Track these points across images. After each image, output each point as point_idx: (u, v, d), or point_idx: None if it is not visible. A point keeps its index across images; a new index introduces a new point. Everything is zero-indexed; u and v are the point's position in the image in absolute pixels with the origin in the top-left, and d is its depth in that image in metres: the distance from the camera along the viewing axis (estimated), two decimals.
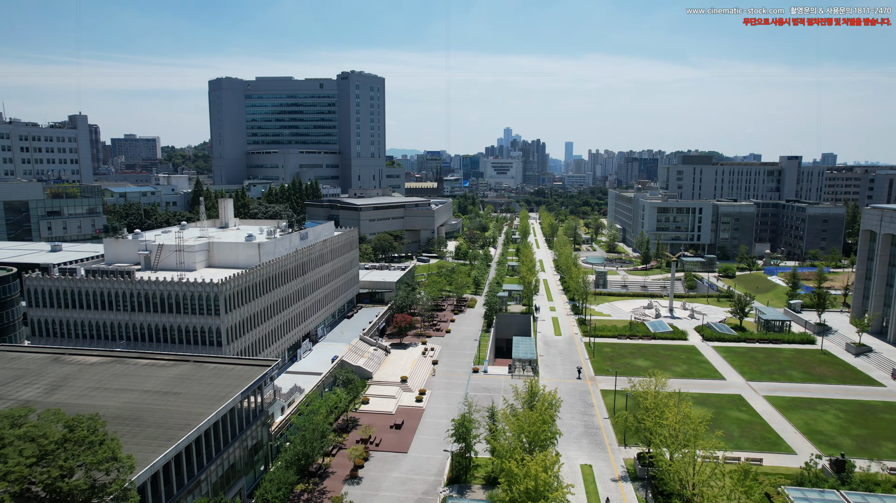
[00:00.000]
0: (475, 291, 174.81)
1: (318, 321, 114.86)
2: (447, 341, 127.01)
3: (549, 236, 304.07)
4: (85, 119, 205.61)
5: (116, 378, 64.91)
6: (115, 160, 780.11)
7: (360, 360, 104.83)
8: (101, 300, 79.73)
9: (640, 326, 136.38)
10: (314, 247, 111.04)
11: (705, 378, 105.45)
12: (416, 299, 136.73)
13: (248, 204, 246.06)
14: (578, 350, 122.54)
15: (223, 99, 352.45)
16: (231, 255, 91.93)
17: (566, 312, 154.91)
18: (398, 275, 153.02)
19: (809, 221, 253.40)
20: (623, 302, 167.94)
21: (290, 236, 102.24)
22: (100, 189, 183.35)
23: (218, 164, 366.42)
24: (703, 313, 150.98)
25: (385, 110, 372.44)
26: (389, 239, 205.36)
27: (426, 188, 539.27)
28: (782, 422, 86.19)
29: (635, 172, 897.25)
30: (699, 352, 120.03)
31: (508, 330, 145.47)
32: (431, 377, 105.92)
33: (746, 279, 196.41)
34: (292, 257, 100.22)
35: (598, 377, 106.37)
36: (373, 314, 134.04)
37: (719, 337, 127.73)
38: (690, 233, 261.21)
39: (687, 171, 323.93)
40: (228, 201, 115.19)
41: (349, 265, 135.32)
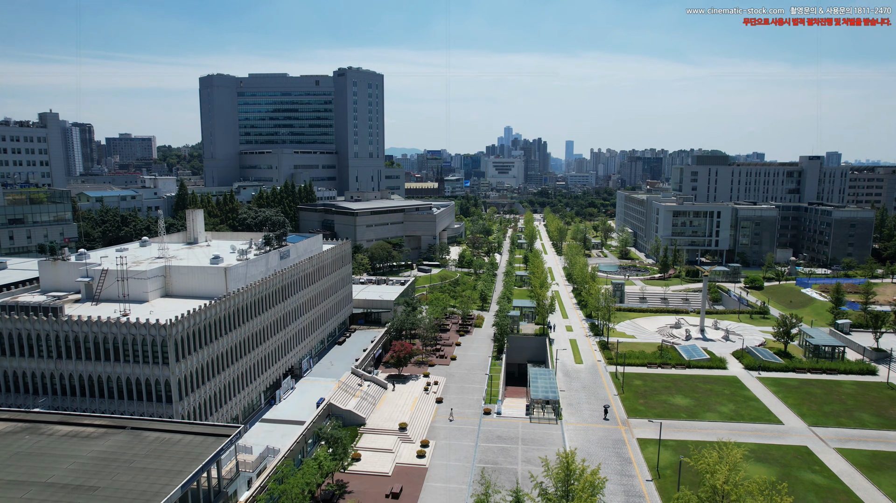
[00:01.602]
0: (482, 307, 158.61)
1: (302, 352, 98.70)
2: (453, 371, 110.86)
3: (558, 241, 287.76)
4: (56, 117, 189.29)
5: (17, 461, 48.71)
6: (109, 160, 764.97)
7: (350, 402, 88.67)
8: (19, 344, 63.55)
9: (671, 352, 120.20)
10: (298, 266, 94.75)
11: (758, 421, 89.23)
12: (416, 321, 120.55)
13: (237, 208, 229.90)
14: (604, 382, 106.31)
15: (214, 97, 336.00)
16: (192, 282, 75.78)
17: (584, 332, 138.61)
18: (397, 292, 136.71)
19: (836, 226, 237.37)
20: (646, 319, 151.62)
21: (266, 256, 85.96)
22: (69, 194, 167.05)
23: (209, 165, 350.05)
24: (737, 333, 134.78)
25: (384, 108, 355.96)
26: (388, 247, 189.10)
27: (426, 188, 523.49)
28: (872, 492, 69.83)
29: (639, 172, 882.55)
30: (744, 385, 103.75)
31: (521, 354, 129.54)
32: (435, 420, 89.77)
33: (776, 291, 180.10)
34: (270, 281, 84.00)
35: (633, 420, 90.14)
36: (368, 339, 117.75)
37: (763, 365, 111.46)
38: (707, 238, 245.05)
39: (701, 172, 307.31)
40: (198, 212, 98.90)
41: (341, 283, 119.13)
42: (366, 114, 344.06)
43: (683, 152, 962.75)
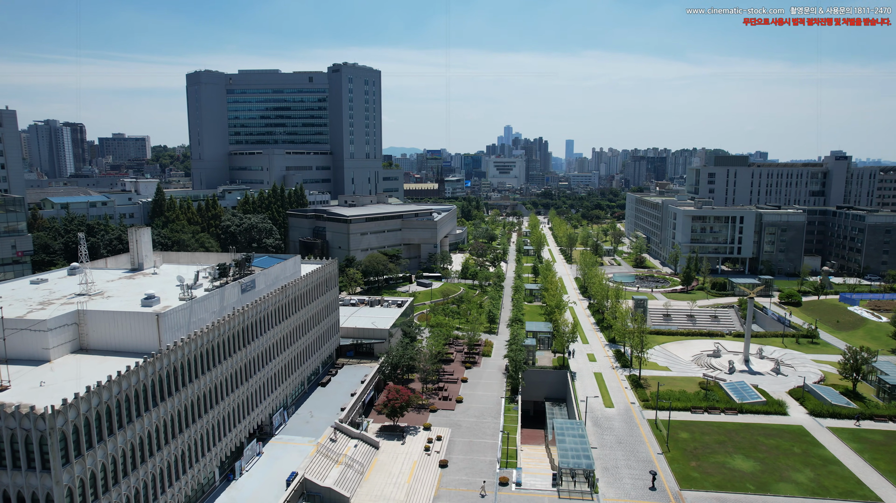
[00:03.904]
0: (489, 329, 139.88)
1: (274, 404, 79.91)
2: (459, 418, 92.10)
3: (567, 247, 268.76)
4: (13, 115, 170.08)
5: None
6: (101, 160, 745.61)
7: (332, 473, 69.92)
8: None
9: (716, 391, 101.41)
10: (268, 299, 75.88)
11: (849, 498, 70.47)
12: (415, 354, 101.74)
13: (220, 214, 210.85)
14: (643, 434, 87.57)
15: (202, 94, 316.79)
16: (115, 332, 57.20)
17: (610, 363, 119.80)
18: (393, 316, 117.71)
19: (869, 232, 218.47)
20: (677, 344, 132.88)
21: (222, 291, 67.12)
22: (24, 201, 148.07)
23: (197, 167, 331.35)
24: (788, 364, 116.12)
25: (381, 106, 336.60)
26: (383, 259, 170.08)
27: (426, 190, 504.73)
28: None
29: (642, 171, 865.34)
30: (816, 440, 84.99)
31: (538, 390, 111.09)
32: (439, 495, 70.97)
33: (818, 308, 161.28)
34: (227, 324, 65.22)
35: (688, 494, 71.41)
36: (357, 378, 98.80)
37: (833, 411, 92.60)
38: (729, 245, 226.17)
39: (719, 174, 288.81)
40: (143, 231, 79.84)
41: (326, 311, 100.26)
42: (362, 112, 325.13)
43: (686, 151, 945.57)
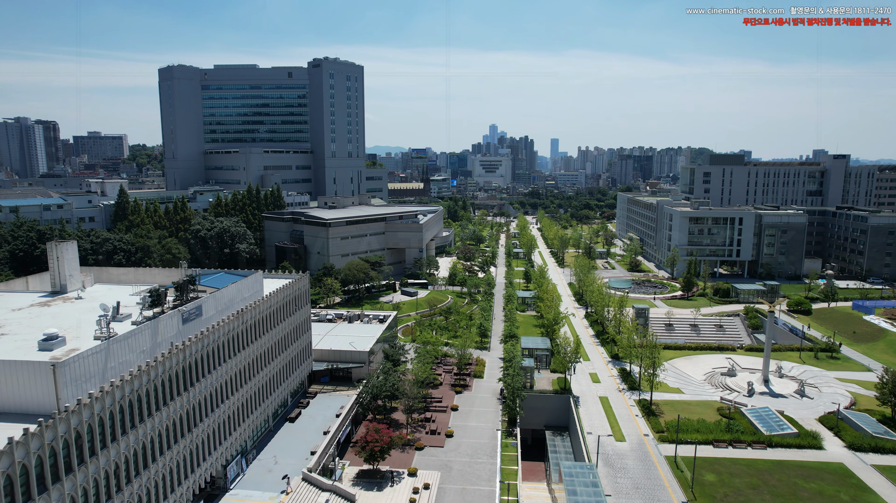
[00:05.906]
0: (481, 344, 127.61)
1: (230, 452, 66.82)
2: (449, 458, 79.65)
3: (558, 250, 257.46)
4: None
5: None
6: (75, 160, 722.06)
7: None
8: None
9: (739, 419, 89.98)
10: (217, 328, 62.72)
11: None
12: (397, 382, 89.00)
13: (190, 217, 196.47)
14: (662, 476, 75.75)
15: (175, 90, 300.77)
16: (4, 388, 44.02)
17: (615, 385, 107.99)
18: (374, 336, 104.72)
19: (872, 233, 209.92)
20: (685, 360, 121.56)
21: (155, 323, 53.98)
22: None
23: (171, 166, 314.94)
24: (813, 385, 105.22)
25: (364, 103, 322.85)
26: (364, 267, 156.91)
27: (412, 189, 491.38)
28: None
29: (629, 170, 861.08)
30: (862, 482, 73.75)
31: (537, 417, 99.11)
32: None
33: (830, 317, 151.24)
34: (160, 365, 52.18)
35: None
36: (332, 411, 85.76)
37: (876, 444, 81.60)
38: (728, 247, 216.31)
39: (715, 173, 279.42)
40: (68, 245, 66.11)
41: (296, 334, 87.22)
42: (344, 109, 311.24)
43: (672, 150, 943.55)
